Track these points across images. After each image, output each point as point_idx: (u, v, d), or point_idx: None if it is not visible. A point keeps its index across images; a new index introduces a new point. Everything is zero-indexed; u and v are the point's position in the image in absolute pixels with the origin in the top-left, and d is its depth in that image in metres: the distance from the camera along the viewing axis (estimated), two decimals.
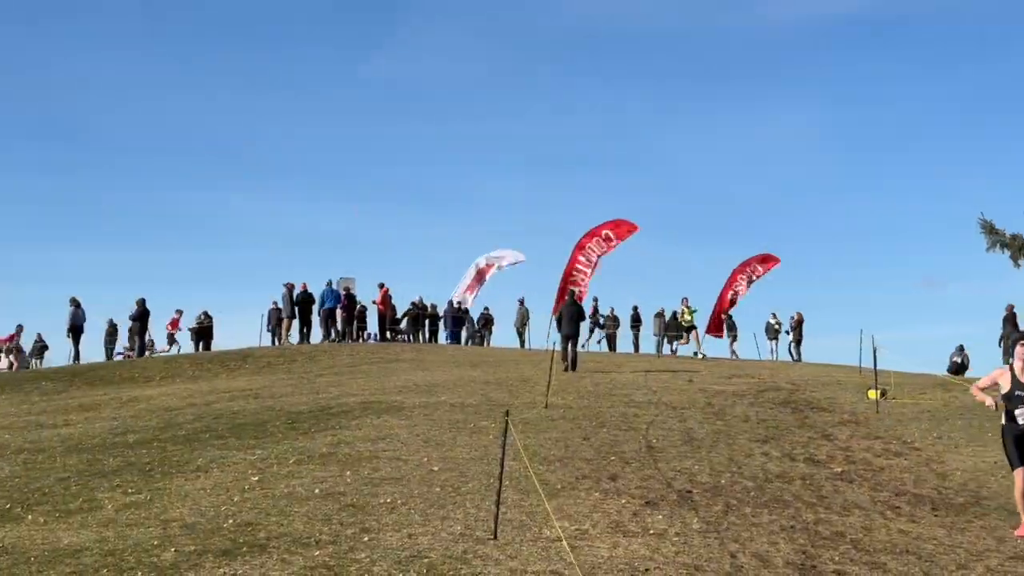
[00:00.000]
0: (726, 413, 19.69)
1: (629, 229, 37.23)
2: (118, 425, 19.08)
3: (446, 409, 19.16)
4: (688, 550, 10.30)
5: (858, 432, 18.00)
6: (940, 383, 25.52)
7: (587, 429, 17.28)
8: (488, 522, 10.82)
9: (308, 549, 9.92)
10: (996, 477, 14.56)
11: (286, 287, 37.56)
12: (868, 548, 10.69)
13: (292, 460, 14.48)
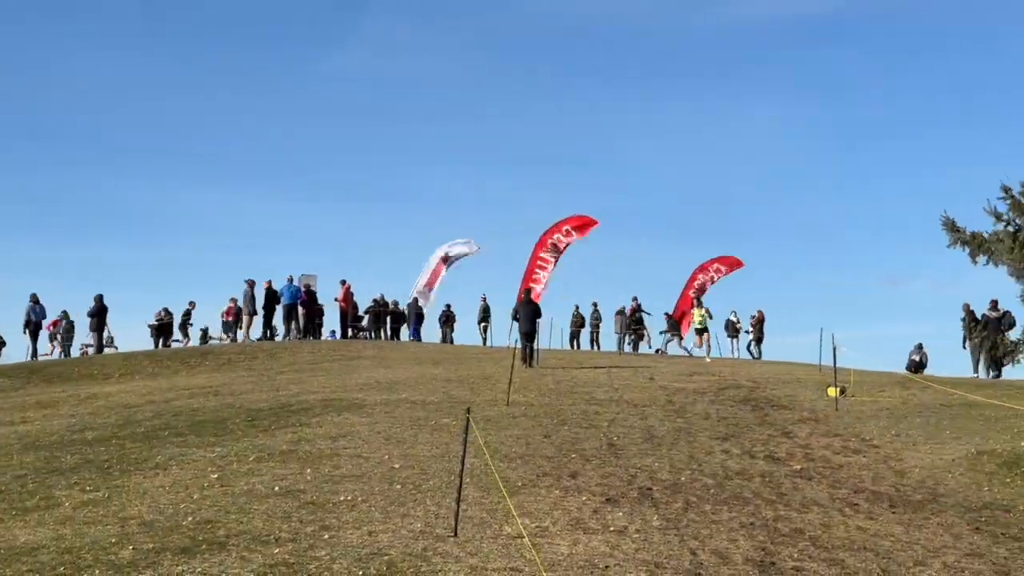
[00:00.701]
0: (687, 411, 19.75)
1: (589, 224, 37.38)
2: (76, 422, 18.92)
3: (407, 406, 19.12)
4: (648, 547, 10.34)
5: (817, 430, 18.10)
6: (899, 381, 25.69)
7: (548, 426, 17.30)
8: (449, 519, 10.82)
9: (268, 547, 9.89)
10: (953, 474, 14.69)
11: (248, 284, 37.35)
12: (826, 545, 10.76)
13: (252, 458, 14.42)
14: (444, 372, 25.55)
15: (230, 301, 39.51)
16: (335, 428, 16.73)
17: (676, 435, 17.00)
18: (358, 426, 16.91)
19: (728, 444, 16.39)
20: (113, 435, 16.99)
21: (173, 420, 18.26)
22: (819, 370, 26.66)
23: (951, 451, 16.14)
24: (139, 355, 32.89)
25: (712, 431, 17.52)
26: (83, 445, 16.15)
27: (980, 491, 13.79)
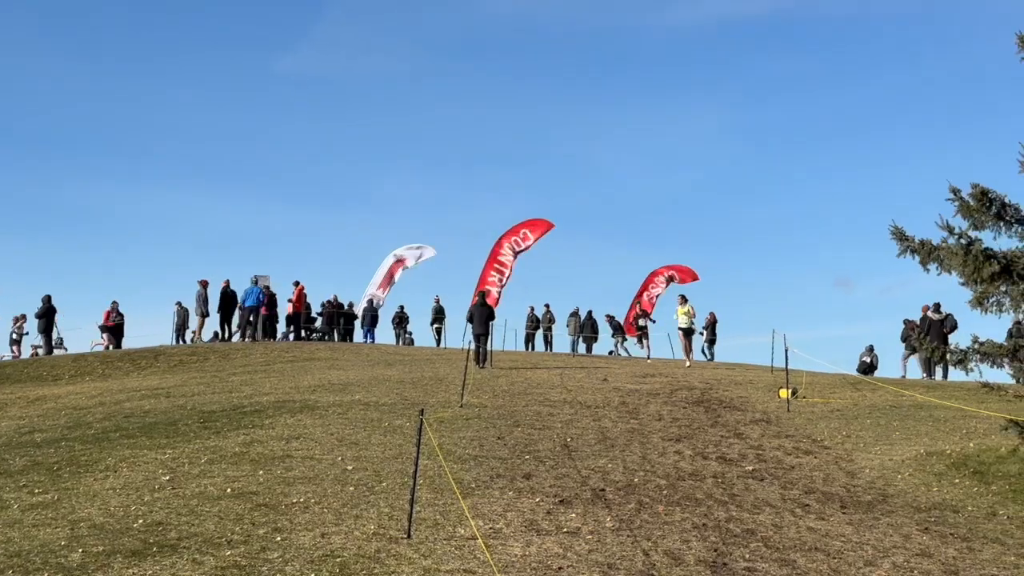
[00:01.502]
0: (640, 412, 19.82)
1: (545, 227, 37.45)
2: (25, 424, 18.74)
3: (361, 408, 19.07)
4: (601, 548, 10.37)
5: (769, 431, 18.22)
6: (850, 383, 25.90)
7: (502, 428, 17.31)
8: (402, 521, 10.81)
9: (219, 549, 9.83)
10: (903, 475, 14.83)
11: (200, 284, 37.09)
12: (778, 545, 10.83)
13: (204, 459, 14.32)
14: (398, 374, 25.50)
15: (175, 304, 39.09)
16: (288, 430, 16.65)
17: (629, 436, 17.06)
18: (311, 428, 16.84)
19: (681, 445, 16.47)
20: (63, 437, 16.83)
21: (124, 422, 18.11)
22: (771, 372, 26.84)
23: (901, 452, 16.29)
24: (89, 356, 32.59)
25: (665, 432, 17.60)
26: (32, 447, 15.98)
27: (929, 491, 13.94)
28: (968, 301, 14.99)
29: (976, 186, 14.86)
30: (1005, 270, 14.45)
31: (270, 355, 31.27)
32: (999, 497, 13.65)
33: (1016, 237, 15.04)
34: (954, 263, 14.59)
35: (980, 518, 12.60)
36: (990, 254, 14.52)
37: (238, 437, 16.04)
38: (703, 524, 11.58)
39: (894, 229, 15.37)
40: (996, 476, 14.60)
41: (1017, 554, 10.93)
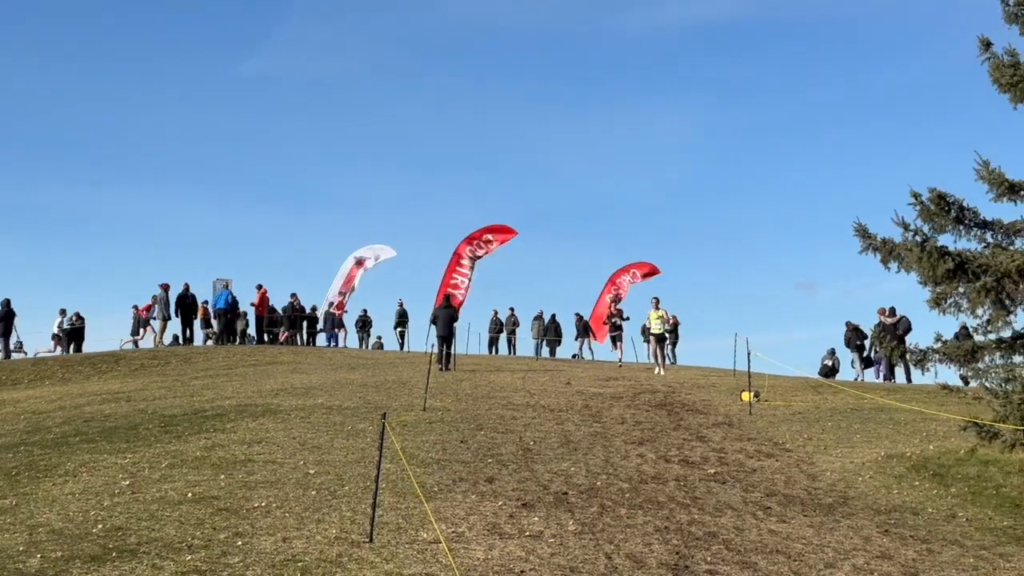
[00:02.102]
0: (603, 415, 19.86)
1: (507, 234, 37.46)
2: None
3: (323, 412, 19.00)
4: (563, 551, 10.37)
5: (731, 434, 18.29)
6: (812, 386, 26.04)
7: (465, 432, 17.29)
8: (364, 525, 10.78)
9: (179, 554, 9.77)
10: (864, 478, 14.92)
11: (162, 288, 36.85)
12: (739, 548, 10.87)
13: (165, 464, 14.23)
14: (361, 377, 25.43)
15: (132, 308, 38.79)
16: (250, 434, 16.57)
17: (592, 440, 17.09)
18: (273, 432, 16.77)
19: (643, 448, 16.50)
20: (22, 442, 16.68)
21: (84, 426, 17.97)
22: (733, 375, 26.93)
23: (861, 455, 16.40)
24: (49, 360, 32.33)
25: (628, 436, 17.63)
26: None
27: (889, 494, 14.03)
28: (926, 300, 15.11)
29: (933, 190, 15.00)
30: (960, 268, 14.58)
31: (232, 359, 31.12)
32: (958, 499, 13.76)
33: (975, 240, 15.18)
34: (910, 260, 14.72)
35: (939, 520, 12.70)
36: (945, 252, 14.65)
37: (199, 441, 15.94)
38: (665, 527, 11.61)
39: (857, 226, 15.47)
40: (955, 478, 14.71)
41: (976, 556, 11.02)
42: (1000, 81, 15.08)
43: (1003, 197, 14.88)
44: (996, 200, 14.91)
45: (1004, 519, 12.77)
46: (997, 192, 14.87)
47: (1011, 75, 14.92)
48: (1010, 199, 14.87)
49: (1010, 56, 15.02)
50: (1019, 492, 13.59)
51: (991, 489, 14.12)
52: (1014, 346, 15.09)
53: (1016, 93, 14.96)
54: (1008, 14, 15.19)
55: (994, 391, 14.46)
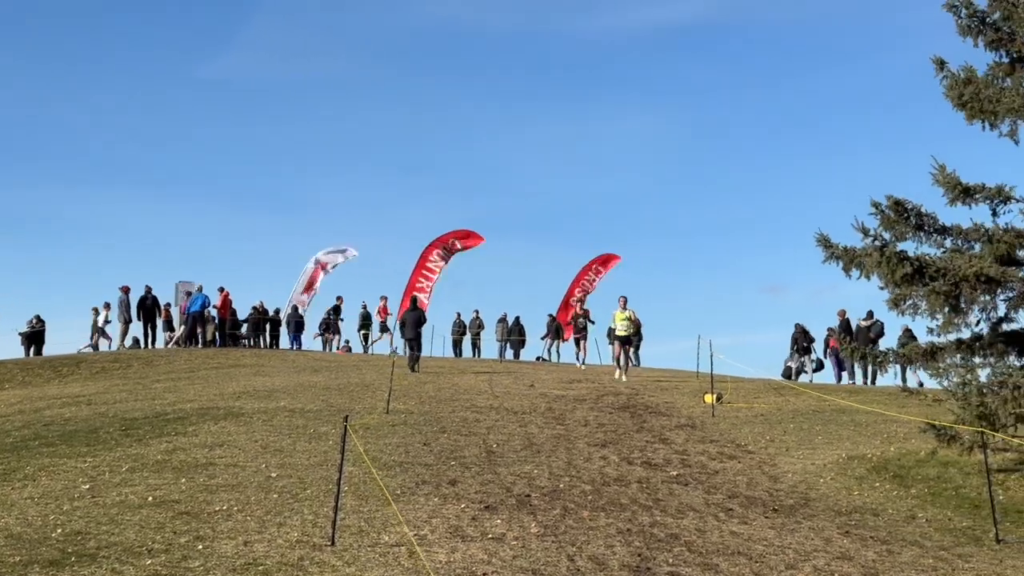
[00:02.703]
0: (566, 418, 19.88)
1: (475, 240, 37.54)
2: None
3: (286, 415, 18.94)
4: (526, 554, 10.38)
5: (694, 436, 18.36)
6: (774, 388, 26.18)
7: (428, 434, 17.28)
8: (326, 528, 10.75)
9: (140, 558, 9.71)
10: (825, 479, 15.01)
11: (122, 291, 36.60)
12: (701, 550, 10.91)
13: (125, 467, 14.14)
14: (324, 380, 25.36)
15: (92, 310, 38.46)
16: (211, 437, 16.49)
17: (555, 442, 17.11)
18: (235, 435, 16.69)
19: (606, 451, 16.54)
20: None
21: (43, 430, 17.83)
22: (696, 377, 27.03)
23: (823, 456, 16.49)
24: (9, 363, 32.03)
25: (591, 438, 17.66)
26: None
27: (850, 495, 14.12)
28: (885, 301, 15.28)
29: (891, 198, 15.17)
30: (918, 272, 14.75)
31: (194, 362, 30.96)
32: (918, 500, 13.86)
33: (934, 246, 15.34)
34: (870, 265, 14.88)
35: (900, 521, 12.79)
36: (903, 256, 14.83)
37: (160, 445, 15.85)
38: (627, 529, 11.63)
39: (819, 236, 15.63)
40: (915, 479, 14.82)
41: (935, 556, 11.10)
42: (954, 100, 15.27)
43: (957, 201, 15.06)
44: (951, 204, 15.10)
45: (963, 520, 12.87)
46: (952, 195, 15.04)
47: (960, 93, 15.11)
48: (964, 203, 15.05)
49: (966, 73, 15.22)
50: (978, 493, 13.69)
51: (950, 490, 14.23)
52: (973, 347, 15.25)
53: (969, 112, 15.16)
54: (961, 27, 15.37)
55: (953, 393, 14.60)
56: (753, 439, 18.15)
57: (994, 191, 14.90)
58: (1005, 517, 12.58)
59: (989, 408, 13.78)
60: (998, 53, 15.36)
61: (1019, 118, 14.89)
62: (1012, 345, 15.26)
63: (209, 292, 39.11)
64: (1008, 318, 15.20)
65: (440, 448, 16.10)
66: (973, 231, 15.13)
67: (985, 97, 14.94)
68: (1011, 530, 12.27)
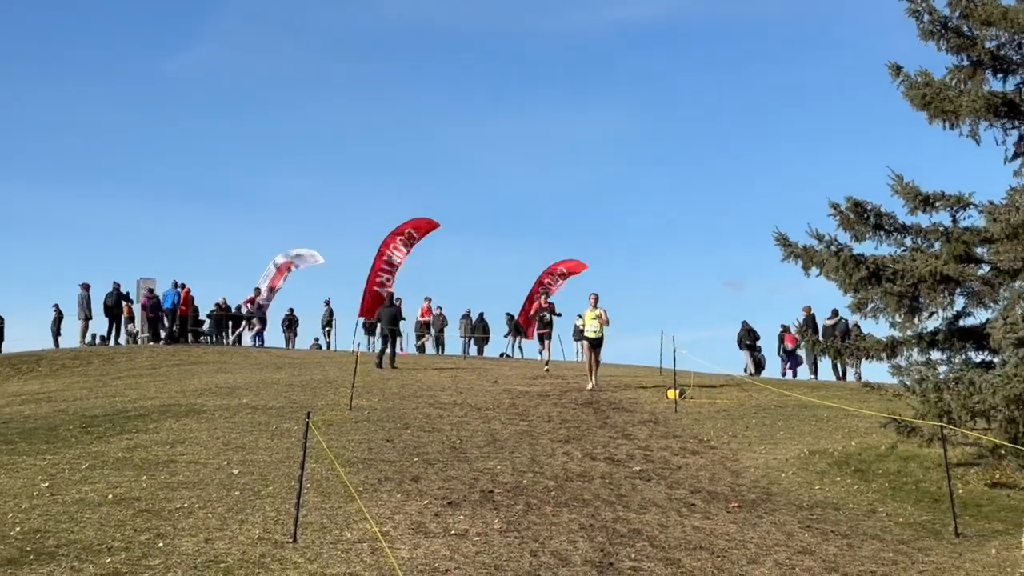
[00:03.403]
0: (530, 414, 19.88)
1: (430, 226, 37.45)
2: None
3: (248, 411, 18.85)
4: (489, 549, 10.37)
5: (657, 431, 18.40)
6: (736, 383, 26.27)
7: (391, 431, 17.24)
8: (288, 525, 10.70)
9: (99, 556, 9.63)
10: (786, 474, 15.08)
11: (82, 287, 36.30)
12: (664, 545, 10.94)
13: (85, 465, 14.03)
14: (286, 377, 25.26)
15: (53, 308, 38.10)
16: (172, 434, 16.39)
17: (519, 438, 17.11)
18: (196, 432, 16.60)
19: (569, 446, 16.55)
20: None
21: (2, 428, 17.65)
22: (659, 373, 27.10)
23: (785, 451, 16.57)
24: None
25: (554, 434, 17.67)
26: None
27: (811, 490, 14.19)
28: (848, 306, 15.44)
29: (850, 199, 15.31)
30: (874, 275, 14.88)
31: (156, 359, 30.75)
32: (879, 494, 13.95)
33: (895, 245, 15.47)
34: (828, 268, 15.01)
35: (860, 515, 12.86)
36: (859, 260, 14.96)
37: (121, 442, 15.74)
38: (590, 524, 11.64)
39: (778, 236, 15.72)
40: (876, 474, 14.92)
41: (895, 550, 11.17)
42: (915, 100, 15.40)
43: (917, 210, 15.22)
44: (911, 213, 15.26)
45: (923, 514, 12.96)
46: (912, 205, 15.19)
47: (923, 95, 15.25)
48: (924, 211, 15.21)
49: (923, 77, 15.36)
50: (937, 487, 13.80)
51: (911, 484, 14.33)
52: (932, 341, 15.38)
53: (931, 112, 15.29)
54: (923, 31, 15.51)
55: (913, 388, 14.72)
56: (715, 434, 18.21)
57: (954, 199, 15.06)
58: (964, 511, 12.67)
59: (947, 404, 13.90)
60: (959, 57, 15.53)
61: (979, 119, 15.03)
62: (969, 340, 15.41)
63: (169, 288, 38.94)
64: (965, 313, 15.35)
65: (403, 444, 16.06)
66: (932, 230, 15.26)
67: (946, 98, 15.07)
68: (970, 524, 12.37)
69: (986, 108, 14.90)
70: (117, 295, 36.74)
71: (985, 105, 14.87)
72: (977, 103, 14.83)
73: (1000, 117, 15.09)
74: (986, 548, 11.31)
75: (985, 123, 15.13)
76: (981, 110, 14.86)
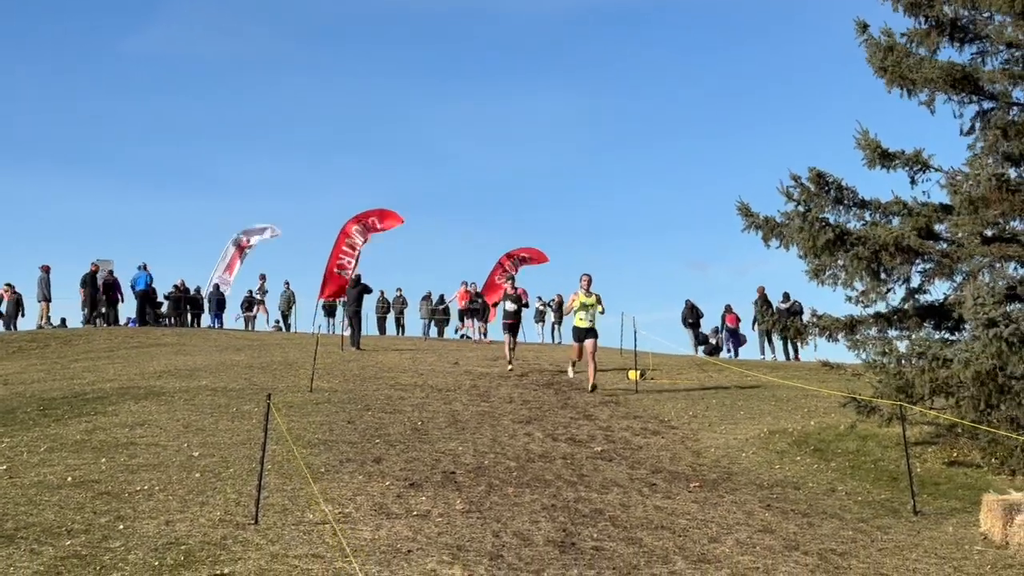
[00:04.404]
0: (491, 395, 19.90)
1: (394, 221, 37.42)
2: None
3: (208, 394, 18.75)
4: (451, 530, 10.36)
5: (618, 412, 18.45)
6: (697, 363, 26.40)
7: (352, 412, 17.20)
8: (249, 507, 10.65)
9: (59, 539, 9.55)
10: (747, 453, 15.16)
11: (42, 269, 36.01)
12: (625, 524, 10.97)
13: (43, 448, 13.91)
14: (246, 359, 25.15)
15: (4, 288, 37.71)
16: (132, 416, 16.28)
17: (480, 419, 17.11)
18: (156, 414, 16.50)
19: (531, 427, 16.57)
20: None
21: None
22: (620, 353, 27.18)
23: (745, 431, 16.67)
24: None
25: (515, 415, 17.69)
26: None
27: (772, 469, 14.27)
28: (805, 271, 15.44)
29: (812, 169, 15.35)
30: (839, 239, 14.93)
31: (114, 341, 30.55)
32: (838, 473, 14.05)
33: (854, 219, 15.54)
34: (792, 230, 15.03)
35: (820, 494, 12.95)
36: (826, 223, 15.00)
37: (80, 425, 15.62)
38: (552, 505, 11.66)
39: (740, 205, 15.76)
40: (835, 453, 15.02)
41: (854, 528, 11.26)
42: (875, 65, 15.44)
43: (876, 164, 15.25)
44: (870, 167, 15.29)
45: (882, 492, 13.07)
46: (871, 158, 15.23)
47: (882, 59, 15.28)
48: (883, 166, 15.24)
49: (887, 37, 15.37)
50: (896, 466, 13.92)
51: (870, 463, 14.44)
52: (890, 319, 15.49)
53: (889, 78, 15.33)
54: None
55: (872, 365, 14.81)
56: (676, 415, 18.29)
57: (912, 157, 15.11)
58: (922, 489, 12.79)
59: (907, 378, 13.98)
60: (917, 19, 15.56)
61: (936, 89, 15.09)
62: (929, 317, 15.53)
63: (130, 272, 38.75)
64: (922, 289, 15.46)
65: (364, 426, 16.03)
66: (892, 204, 15.35)
67: (905, 65, 15.12)
68: (928, 502, 12.48)
69: (944, 80, 14.96)
70: (91, 277, 36.60)
71: (943, 76, 14.92)
72: (934, 73, 14.89)
73: (957, 90, 15.16)
74: (944, 526, 11.42)
75: (942, 95, 15.21)
76: (939, 81, 14.92)
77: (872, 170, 15.25)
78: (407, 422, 16.55)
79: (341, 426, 15.91)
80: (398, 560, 9.31)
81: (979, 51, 15.53)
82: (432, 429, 16.06)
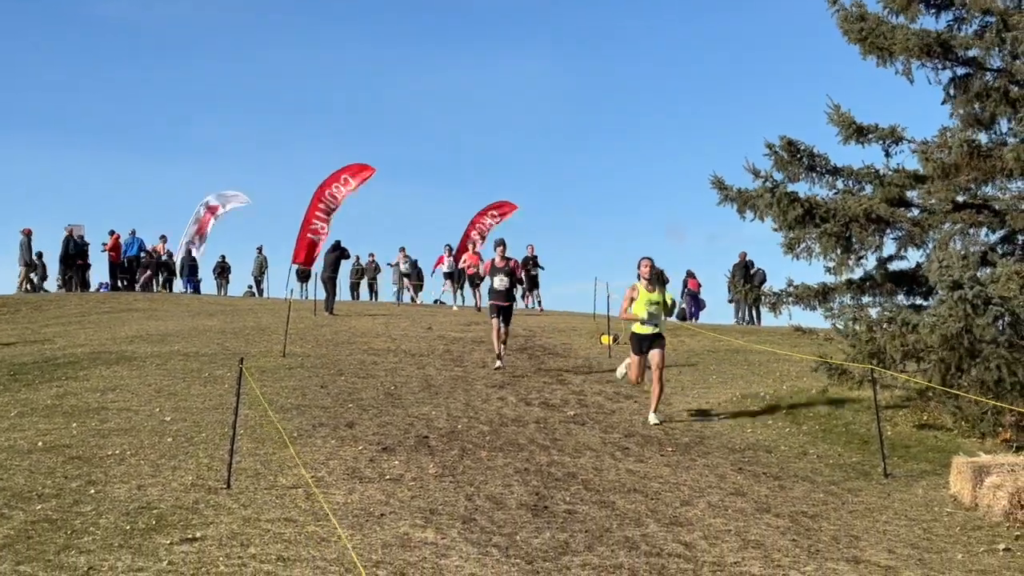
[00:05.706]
0: (464, 360, 19.90)
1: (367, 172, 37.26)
2: None
3: (180, 359, 18.69)
4: (424, 494, 10.38)
5: (591, 377, 18.49)
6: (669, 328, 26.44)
7: (325, 377, 17.17)
8: (222, 471, 10.64)
9: (30, 503, 9.52)
10: (719, 417, 15.22)
11: (23, 233, 35.72)
12: (598, 488, 11.00)
13: (14, 413, 13.85)
14: (219, 324, 25.07)
15: None
16: (103, 381, 16.21)
17: (453, 384, 17.11)
18: (128, 379, 16.44)
19: (504, 392, 16.58)
20: None
21: None
22: (593, 319, 27.21)
23: (717, 395, 16.73)
24: None
25: (489, 380, 17.70)
26: None
27: (743, 433, 14.33)
28: (780, 245, 15.48)
29: (784, 138, 15.35)
30: (808, 213, 14.97)
31: (85, 306, 30.38)
32: (809, 437, 14.12)
33: (827, 187, 15.56)
34: (763, 206, 15.06)
35: (791, 457, 13.01)
36: (794, 198, 15.03)
37: (51, 389, 15.55)
38: (525, 468, 11.68)
39: (714, 179, 15.77)
40: (807, 417, 15.09)
41: (826, 491, 11.32)
42: (849, 34, 15.42)
43: (851, 140, 15.27)
44: (844, 142, 15.31)
45: (853, 455, 13.14)
46: (845, 134, 15.25)
47: (859, 29, 15.26)
48: (858, 141, 15.26)
49: (857, 7, 15.37)
50: (867, 430, 13.99)
51: (841, 427, 14.51)
52: (863, 287, 15.55)
53: (865, 47, 15.32)
54: None
55: (844, 331, 14.87)
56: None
57: (887, 131, 15.14)
58: (893, 452, 12.86)
59: (878, 344, 14.03)
60: None
61: (912, 57, 15.09)
62: (900, 284, 15.59)
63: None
64: (898, 256, 15.52)
65: (337, 391, 16.01)
66: (864, 172, 15.36)
67: (881, 33, 15.10)
68: (898, 464, 12.56)
69: (919, 47, 14.95)
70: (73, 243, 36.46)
71: (919, 44, 14.92)
72: (911, 41, 14.88)
73: (933, 57, 15.16)
74: (914, 488, 11.50)
75: (918, 62, 15.21)
76: (915, 49, 14.92)
77: (847, 145, 15.29)
78: (380, 387, 16.54)
79: (314, 391, 15.89)
80: (371, 523, 9.32)
81: (955, 18, 15.53)
82: (405, 394, 16.05)
